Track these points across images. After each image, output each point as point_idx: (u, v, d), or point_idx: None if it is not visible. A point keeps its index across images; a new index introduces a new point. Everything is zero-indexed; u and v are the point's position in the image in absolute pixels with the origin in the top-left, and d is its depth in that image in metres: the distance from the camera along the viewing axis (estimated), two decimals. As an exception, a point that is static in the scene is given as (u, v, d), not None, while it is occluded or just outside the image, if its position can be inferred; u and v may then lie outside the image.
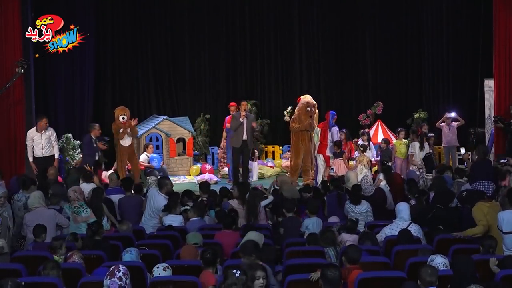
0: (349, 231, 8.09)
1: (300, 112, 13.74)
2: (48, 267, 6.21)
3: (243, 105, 13.76)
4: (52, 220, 8.49)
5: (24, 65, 12.81)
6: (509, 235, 7.39)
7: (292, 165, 13.99)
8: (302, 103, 13.78)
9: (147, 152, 14.65)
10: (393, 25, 17.82)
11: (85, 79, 16.43)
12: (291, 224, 8.83)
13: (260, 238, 7.40)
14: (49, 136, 12.44)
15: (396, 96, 17.86)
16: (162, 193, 9.74)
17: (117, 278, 5.41)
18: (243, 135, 13.50)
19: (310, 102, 13.73)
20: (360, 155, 13.29)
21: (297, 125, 13.69)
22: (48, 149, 12.43)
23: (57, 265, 6.29)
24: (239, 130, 13.50)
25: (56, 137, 12.73)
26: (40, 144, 12.36)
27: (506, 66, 14.27)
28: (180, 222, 9.08)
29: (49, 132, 12.47)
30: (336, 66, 18.03)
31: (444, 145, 14.94)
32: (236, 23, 17.95)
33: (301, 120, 13.65)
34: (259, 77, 18.10)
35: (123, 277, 5.44)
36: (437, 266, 6.11)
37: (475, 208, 7.93)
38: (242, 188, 9.80)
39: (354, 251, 6.52)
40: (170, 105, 17.73)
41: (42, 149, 12.37)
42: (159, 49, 17.64)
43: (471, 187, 9.70)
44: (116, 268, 5.50)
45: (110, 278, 5.42)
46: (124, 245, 7.59)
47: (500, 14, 14.17)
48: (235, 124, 13.53)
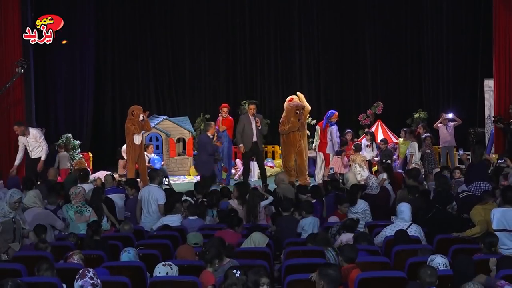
0: (348, 230, 8.09)
1: (289, 114, 13.69)
2: (42, 268, 6.21)
3: (251, 108, 13.67)
4: (43, 220, 8.40)
5: (24, 65, 12.82)
6: (498, 233, 7.41)
7: (285, 167, 13.92)
8: (291, 105, 13.68)
9: (147, 152, 14.63)
10: (393, 25, 17.83)
11: (85, 79, 16.45)
12: (285, 225, 8.81)
13: (264, 240, 7.55)
14: (34, 138, 12.41)
15: (396, 96, 17.87)
16: (155, 184, 9.79)
17: (88, 278, 5.41)
18: (253, 137, 13.47)
19: (298, 105, 13.67)
20: (354, 154, 13.40)
21: (287, 127, 13.59)
22: (36, 150, 12.45)
23: (52, 265, 6.29)
24: (248, 132, 13.45)
25: (43, 138, 12.57)
26: (28, 146, 12.44)
27: (506, 66, 14.29)
28: (179, 222, 9.07)
29: (34, 134, 12.41)
30: (336, 66, 18.04)
31: (441, 146, 14.92)
32: (236, 23, 17.96)
33: (290, 122, 13.59)
34: (259, 77, 18.11)
35: (94, 276, 5.45)
36: (437, 266, 6.11)
37: (472, 212, 7.97)
38: (242, 188, 9.79)
39: (351, 250, 6.53)
40: (170, 105, 17.74)
41: (30, 151, 12.44)
42: (159, 49, 17.65)
43: (467, 188, 9.67)
44: (85, 270, 5.51)
45: (81, 279, 5.42)
46: (124, 245, 7.58)
47: (500, 14, 14.19)
48: (240, 127, 13.48)
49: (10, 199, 8.04)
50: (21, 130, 12.34)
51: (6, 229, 7.94)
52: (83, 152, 15.26)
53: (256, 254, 7.35)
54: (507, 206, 7.42)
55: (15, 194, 8.13)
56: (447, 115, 15.00)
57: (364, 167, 13.22)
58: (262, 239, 7.65)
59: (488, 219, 7.69)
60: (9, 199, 8.05)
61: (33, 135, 12.43)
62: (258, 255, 7.29)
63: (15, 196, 8.09)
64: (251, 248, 7.60)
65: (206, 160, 13.12)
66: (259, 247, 7.57)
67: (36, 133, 12.50)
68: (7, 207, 8.03)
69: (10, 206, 8.02)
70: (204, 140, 13.37)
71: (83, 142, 15.60)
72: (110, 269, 6.68)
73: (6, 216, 7.96)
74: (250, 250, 7.53)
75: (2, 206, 8.03)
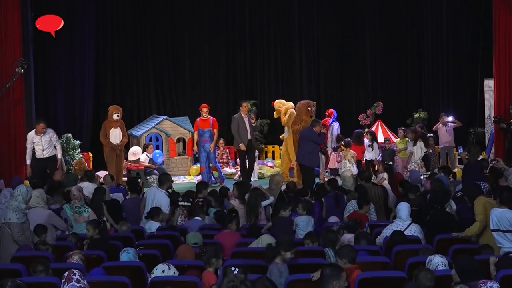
0: (350, 230, 8.09)
1: (300, 112, 13.72)
2: (37, 270, 6.20)
3: (244, 106, 13.68)
4: (44, 220, 8.35)
5: (24, 65, 12.81)
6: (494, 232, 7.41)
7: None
8: (301, 103, 13.79)
9: (147, 152, 14.67)
10: (393, 25, 17.84)
11: (85, 79, 16.45)
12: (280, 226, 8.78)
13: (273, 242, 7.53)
14: (49, 138, 12.46)
15: (396, 96, 17.88)
16: (163, 189, 9.72)
17: (75, 282, 5.38)
18: (248, 136, 13.47)
19: (310, 102, 13.79)
20: (344, 150, 13.64)
21: (301, 126, 13.55)
22: (48, 150, 12.44)
23: (47, 266, 6.28)
24: (242, 131, 13.45)
25: (57, 138, 12.74)
26: (40, 145, 12.39)
27: (506, 66, 14.28)
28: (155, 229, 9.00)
29: (49, 134, 12.48)
30: (336, 66, 18.05)
31: (441, 146, 14.92)
32: (236, 23, 17.97)
33: (302, 121, 13.60)
34: (259, 77, 18.11)
35: (80, 279, 5.42)
36: (436, 265, 6.12)
37: (477, 201, 7.91)
38: (242, 188, 9.78)
39: (350, 250, 6.53)
40: (170, 105, 17.75)
41: (42, 151, 12.39)
42: (159, 49, 17.66)
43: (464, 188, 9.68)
44: (71, 272, 5.45)
45: (68, 283, 5.38)
46: (124, 245, 7.58)
47: (500, 14, 14.18)
48: (235, 126, 13.48)
49: (27, 196, 8.00)
50: (44, 127, 12.41)
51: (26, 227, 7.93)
52: (83, 152, 15.26)
53: (256, 254, 7.34)
54: (502, 207, 7.42)
55: (30, 191, 8.12)
56: (447, 118, 15.00)
57: (353, 163, 13.46)
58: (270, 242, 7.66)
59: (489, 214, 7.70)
60: (26, 196, 8.01)
61: (49, 135, 12.46)
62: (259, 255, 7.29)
63: (30, 192, 8.10)
64: (251, 248, 7.60)
65: (312, 151, 12.62)
66: (259, 247, 7.57)
67: (52, 132, 12.57)
68: (23, 204, 7.98)
69: (26, 203, 7.98)
70: (309, 133, 12.63)
71: (83, 142, 15.59)
72: (110, 269, 6.69)
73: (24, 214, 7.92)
74: (250, 250, 7.53)
75: (17, 204, 7.92)
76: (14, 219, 7.87)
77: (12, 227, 7.87)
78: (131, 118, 17.28)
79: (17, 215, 7.86)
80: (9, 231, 7.87)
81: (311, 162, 12.46)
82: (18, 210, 7.90)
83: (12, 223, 7.89)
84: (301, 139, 12.75)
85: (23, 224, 7.92)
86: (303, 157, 12.45)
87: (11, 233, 7.85)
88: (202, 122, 14.11)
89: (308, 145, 12.41)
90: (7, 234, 7.95)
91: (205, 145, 14.03)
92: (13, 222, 7.89)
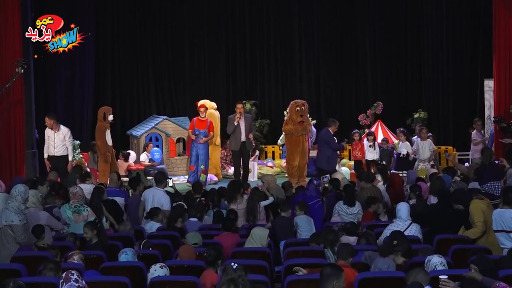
0: (349, 233, 8.09)
1: (291, 112, 13.73)
2: (47, 267, 6.20)
3: (239, 108, 13.65)
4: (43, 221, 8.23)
5: (24, 65, 12.80)
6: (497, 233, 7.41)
7: (288, 167, 13.92)
8: (291, 103, 13.78)
9: (147, 151, 14.66)
10: (393, 25, 17.84)
11: (85, 79, 16.45)
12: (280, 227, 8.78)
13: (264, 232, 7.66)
14: (63, 136, 12.46)
15: (396, 96, 17.88)
16: (161, 188, 9.72)
17: (73, 281, 5.38)
18: (241, 137, 13.46)
19: (298, 102, 13.69)
20: None
21: (291, 126, 13.55)
22: (60, 148, 12.45)
23: (57, 266, 6.27)
24: (236, 132, 13.44)
25: (70, 138, 12.63)
26: (53, 142, 12.43)
27: (506, 66, 14.26)
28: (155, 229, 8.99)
29: (63, 132, 12.48)
30: (336, 66, 18.05)
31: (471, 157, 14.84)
32: (236, 23, 17.97)
33: (292, 120, 13.59)
34: (259, 77, 18.12)
35: (78, 279, 5.41)
36: (435, 265, 6.12)
37: (473, 206, 7.91)
38: (233, 187, 9.76)
39: (344, 249, 6.56)
40: (170, 105, 17.75)
41: (54, 148, 12.42)
42: (159, 49, 17.66)
43: (481, 188, 9.70)
44: (69, 273, 5.44)
45: (67, 283, 5.37)
46: (124, 245, 7.58)
47: (500, 14, 14.16)
48: (231, 128, 13.47)
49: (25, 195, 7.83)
50: (51, 123, 12.40)
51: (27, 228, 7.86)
52: (83, 152, 15.25)
53: (257, 254, 7.35)
54: (506, 207, 7.42)
55: (27, 189, 7.93)
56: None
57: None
58: (262, 232, 7.68)
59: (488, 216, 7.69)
60: (24, 195, 7.82)
61: (62, 133, 12.46)
62: (259, 255, 7.30)
63: (27, 191, 7.91)
64: (251, 248, 7.61)
65: (331, 155, 13.10)
66: (259, 247, 7.58)
67: (66, 132, 12.54)
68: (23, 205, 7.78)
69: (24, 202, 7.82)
70: (326, 135, 13.15)
71: (83, 142, 15.59)
72: (110, 269, 6.69)
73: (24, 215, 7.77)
74: (250, 250, 7.53)
75: (17, 205, 7.72)
76: (16, 221, 7.64)
77: (15, 230, 7.64)
78: (131, 118, 17.30)
79: (19, 217, 7.63)
80: (11, 233, 7.71)
81: (329, 166, 12.97)
82: (19, 212, 7.72)
83: (15, 225, 7.66)
84: (319, 144, 13.42)
85: (25, 225, 7.84)
86: (321, 162, 13.14)
87: (15, 236, 7.64)
88: (199, 123, 13.87)
89: (327, 150, 13.11)
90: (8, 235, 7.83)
91: (198, 145, 13.78)
92: (16, 224, 7.66)
